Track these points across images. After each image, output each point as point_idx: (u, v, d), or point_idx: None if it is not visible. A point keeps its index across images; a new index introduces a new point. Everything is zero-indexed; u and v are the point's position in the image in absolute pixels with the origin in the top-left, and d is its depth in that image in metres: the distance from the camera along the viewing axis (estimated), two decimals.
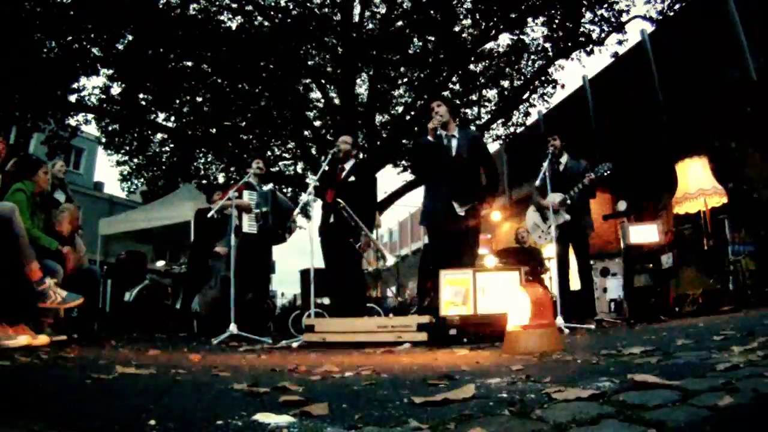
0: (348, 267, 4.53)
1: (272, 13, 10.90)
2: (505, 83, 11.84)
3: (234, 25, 10.95)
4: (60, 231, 4.09)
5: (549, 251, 5.89)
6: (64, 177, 5.56)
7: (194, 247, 6.34)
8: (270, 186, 5.08)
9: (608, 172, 4.68)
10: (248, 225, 4.92)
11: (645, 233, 6.12)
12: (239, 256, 4.57)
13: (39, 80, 9.01)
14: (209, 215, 4.74)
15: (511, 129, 12.15)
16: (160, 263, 9.07)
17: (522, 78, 11.73)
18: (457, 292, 3.65)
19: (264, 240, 5.06)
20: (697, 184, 5.99)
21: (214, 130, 11.82)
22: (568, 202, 4.82)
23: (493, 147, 12.45)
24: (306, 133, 12.22)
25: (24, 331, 2.86)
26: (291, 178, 13.03)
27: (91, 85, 42.18)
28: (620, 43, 10.52)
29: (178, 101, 11.43)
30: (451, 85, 11.84)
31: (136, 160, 12.93)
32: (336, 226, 4.45)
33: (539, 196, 5.12)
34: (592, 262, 5.51)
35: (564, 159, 5.10)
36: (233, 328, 4.14)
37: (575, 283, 5.16)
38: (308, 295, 4.58)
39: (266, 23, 10.84)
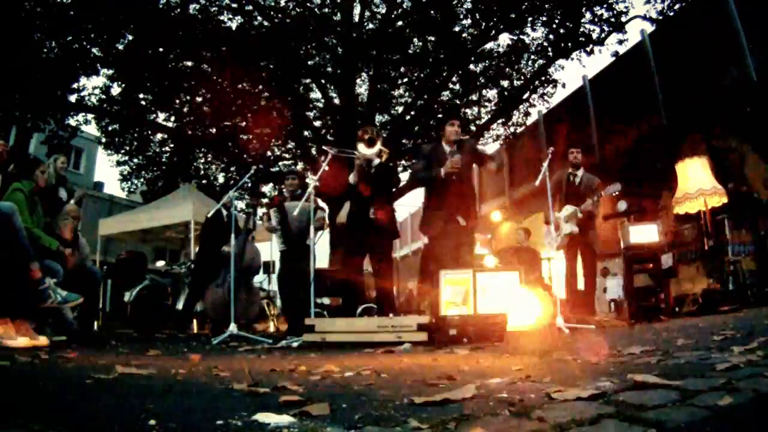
0: (381, 263, 4.54)
1: (272, 13, 10.89)
2: (505, 83, 11.82)
3: (234, 25, 10.95)
4: (64, 237, 4.09)
5: (549, 252, 5.94)
6: (65, 173, 5.53)
7: (202, 250, 6.34)
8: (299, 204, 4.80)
9: (617, 192, 4.89)
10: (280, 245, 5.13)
11: (645, 233, 6.10)
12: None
13: (39, 80, 9.00)
14: (209, 215, 4.77)
15: (511, 129, 12.15)
16: (160, 263, 9.07)
17: (522, 78, 11.71)
18: (457, 292, 3.65)
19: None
20: (697, 184, 5.99)
21: (214, 130, 11.81)
22: (579, 215, 4.99)
23: (493, 147, 12.45)
24: (306, 133, 12.21)
25: (24, 332, 2.86)
26: None
27: (91, 85, 42.25)
28: (620, 43, 10.50)
29: (178, 101, 11.41)
30: (451, 85, 11.83)
31: (136, 160, 12.91)
32: (374, 223, 4.35)
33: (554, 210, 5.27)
34: None
35: (580, 173, 5.28)
36: (233, 328, 4.18)
37: (577, 284, 5.23)
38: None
39: (266, 23, 10.83)
